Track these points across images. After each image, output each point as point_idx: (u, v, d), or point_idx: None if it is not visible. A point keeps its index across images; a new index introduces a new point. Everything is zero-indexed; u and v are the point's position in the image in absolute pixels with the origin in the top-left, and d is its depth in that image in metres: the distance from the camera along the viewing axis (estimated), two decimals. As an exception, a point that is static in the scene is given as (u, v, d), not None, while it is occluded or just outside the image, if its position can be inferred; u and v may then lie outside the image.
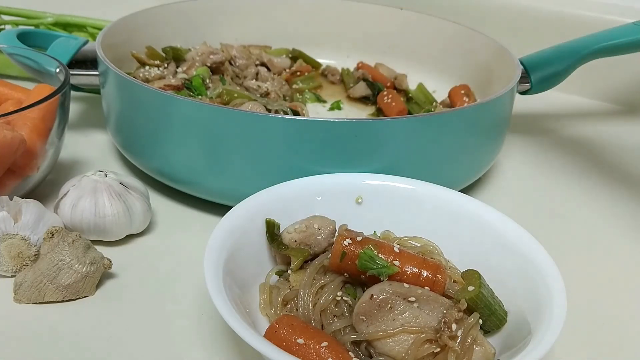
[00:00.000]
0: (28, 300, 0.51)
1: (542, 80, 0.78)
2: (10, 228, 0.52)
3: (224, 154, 0.59)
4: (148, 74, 0.77)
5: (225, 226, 0.49)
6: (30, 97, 0.63)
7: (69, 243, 0.52)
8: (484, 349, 0.43)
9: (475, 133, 0.65)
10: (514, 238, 0.50)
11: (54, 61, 0.67)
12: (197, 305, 0.52)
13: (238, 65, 0.85)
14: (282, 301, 0.48)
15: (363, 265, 0.46)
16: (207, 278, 0.43)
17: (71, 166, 0.72)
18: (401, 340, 0.43)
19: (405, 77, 0.90)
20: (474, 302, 0.44)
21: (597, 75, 0.99)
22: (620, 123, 0.95)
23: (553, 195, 0.73)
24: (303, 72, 0.90)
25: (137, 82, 0.63)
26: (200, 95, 0.73)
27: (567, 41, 0.79)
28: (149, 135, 0.63)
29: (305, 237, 0.51)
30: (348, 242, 0.47)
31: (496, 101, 0.65)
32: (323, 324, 0.46)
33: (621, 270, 0.60)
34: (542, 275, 0.46)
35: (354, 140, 0.57)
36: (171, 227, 0.62)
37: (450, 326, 0.42)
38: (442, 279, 0.46)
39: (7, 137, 0.55)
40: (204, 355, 0.47)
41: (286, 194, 0.54)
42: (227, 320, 0.40)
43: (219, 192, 0.62)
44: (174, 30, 0.87)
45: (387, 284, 0.45)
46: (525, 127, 0.90)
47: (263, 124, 0.57)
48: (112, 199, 0.57)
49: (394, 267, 0.45)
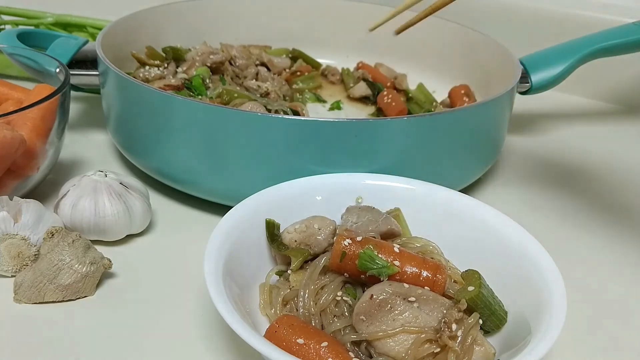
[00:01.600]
0: (28, 300, 0.51)
1: (542, 80, 0.78)
2: (10, 228, 0.52)
3: (224, 154, 0.59)
4: (148, 74, 0.77)
5: (225, 226, 0.49)
6: (30, 97, 0.63)
7: (69, 243, 0.52)
8: (484, 349, 0.43)
9: (475, 133, 0.65)
10: (514, 238, 0.50)
11: (54, 61, 0.67)
12: (197, 305, 0.52)
13: (238, 65, 0.85)
14: (282, 301, 0.48)
15: (363, 265, 0.46)
16: (207, 278, 0.43)
17: (71, 166, 0.72)
18: (401, 340, 0.43)
19: (405, 77, 0.90)
20: (474, 302, 0.44)
21: (597, 75, 0.99)
22: (620, 123, 0.95)
23: (553, 195, 0.73)
24: (303, 72, 0.90)
25: (137, 82, 0.63)
26: (200, 95, 0.73)
27: (567, 41, 0.79)
28: (149, 135, 0.63)
29: (305, 237, 0.51)
30: (348, 242, 0.47)
31: (496, 101, 0.65)
32: (323, 324, 0.46)
33: (621, 269, 0.60)
34: (542, 275, 0.46)
35: (354, 140, 0.57)
36: (171, 227, 0.62)
37: (450, 326, 0.42)
38: (442, 279, 0.46)
39: (7, 137, 0.55)
40: (204, 355, 0.47)
41: (286, 194, 0.54)
42: (227, 320, 0.40)
43: (219, 192, 0.62)
44: (174, 30, 0.87)
45: (387, 284, 0.45)
46: (525, 127, 0.90)
47: (263, 124, 0.57)
48: (112, 199, 0.57)
49: (394, 267, 0.46)
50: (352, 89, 0.89)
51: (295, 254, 0.50)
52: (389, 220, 0.52)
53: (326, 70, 0.94)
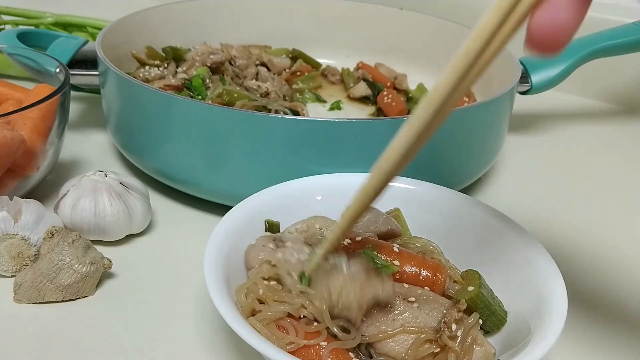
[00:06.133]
0: (28, 300, 0.51)
1: (542, 80, 0.78)
2: (10, 228, 0.52)
3: (224, 154, 0.59)
4: (148, 74, 0.77)
5: (225, 226, 0.49)
6: (30, 97, 0.63)
7: (69, 243, 0.52)
8: (484, 349, 0.43)
9: (475, 133, 0.65)
10: (514, 238, 0.50)
11: (54, 61, 0.67)
12: (197, 305, 0.52)
13: (238, 65, 0.85)
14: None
15: (363, 265, 0.46)
16: (207, 278, 0.43)
17: (71, 166, 0.72)
18: (401, 340, 0.43)
19: (405, 77, 0.90)
20: (474, 302, 0.44)
21: (597, 75, 0.99)
22: (620, 123, 0.95)
23: (553, 195, 0.73)
24: (303, 72, 0.90)
25: (137, 82, 0.63)
26: (200, 96, 0.73)
27: (567, 41, 0.79)
28: (149, 135, 0.63)
29: (306, 237, 0.51)
30: (348, 242, 0.47)
31: (496, 101, 0.65)
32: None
33: (621, 269, 0.60)
34: (542, 275, 0.46)
35: (354, 140, 0.57)
36: (171, 227, 0.62)
37: (450, 326, 0.42)
38: (442, 278, 0.46)
39: (7, 137, 0.55)
40: (204, 355, 0.47)
41: (286, 194, 0.54)
42: (227, 320, 0.40)
43: (219, 192, 0.62)
44: (174, 30, 0.87)
45: (387, 284, 0.45)
46: (525, 127, 0.90)
47: (263, 124, 0.57)
48: (112, 199, 0.57)
49: (394, 267, 0.45)
50: (352, 89, 0.89)
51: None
52: (389, 220, 0.52)
53: (326, 70, 0.94)
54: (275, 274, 0.45)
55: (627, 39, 0.76)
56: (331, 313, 0.42)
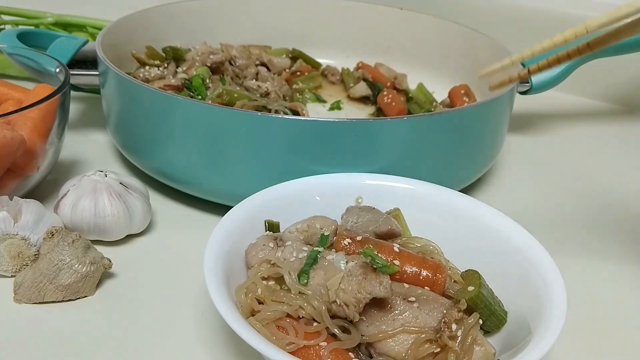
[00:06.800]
0: (28, 300, 0.51)
1: (542, 80, 0.78)
2: (10, 228, 0.52)
3: (224, 154, 0.59)
4: (148, 74, 0.77)
5: (225, 226, 0.49)
6: (30, 97, 0.63)
7: (69, 243, 0.52)
8: (484, 349, 0.43)
9: (475, 133, 0.65)
10: (513, 238, 0.50)
11: (54, 61, 0.67)
12: (197, 305, 0.52)
13: (238, 65, 0.85)
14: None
15: (363, 265, 0.46)
16: (207, 278, 0.43)
17: (71, 166, 0.72)
18: (401, 340, 0.43)
19: (405, 77, 0.90)
20: (474, 302, 0.44)
21: (597, 75, 0.99)
22: (620, 123, 0.95)
23: (553, 195, 0.73)
24: (303, 72, 0.90)
25: (137, 82, 0.63)
26: (200, 96, 0.73)
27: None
28: (149, 135, 0.63)
29: (306, 237, 0.51)
30: (348, 241, 0.47)
31: (496, 101, 0.65)
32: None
33: (621, 269, 0.60)
34: (542, 275, 0.46)
35: (354, 140, 0.57)
36: (171, 227, 0.62)
37: (450, 326, 0.42)
38: (442, 278, 0.46)
39: (7, 137, 0.55)
40: (203, 355, 0.47)
41: (286, 194, 0.54)
42: (227, 320, 0.40)
43: (219, 192, 0.62)
44: (174, 30, 0.87)
45: (387, 284, 0.45)
46: (525, 127, 0.90)
47: (263, 124, 0.57)
48: (112, 199, 0.57)
49: (394, 267, 0.45)
50: (352, 89, 0.89)
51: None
52: (389, 221, 0.52)
53: (326, 70, 0.94)
54: (274, 273, 0.45)
55: (627, 39, 0.76)
56: (329, 310, 0.42)
